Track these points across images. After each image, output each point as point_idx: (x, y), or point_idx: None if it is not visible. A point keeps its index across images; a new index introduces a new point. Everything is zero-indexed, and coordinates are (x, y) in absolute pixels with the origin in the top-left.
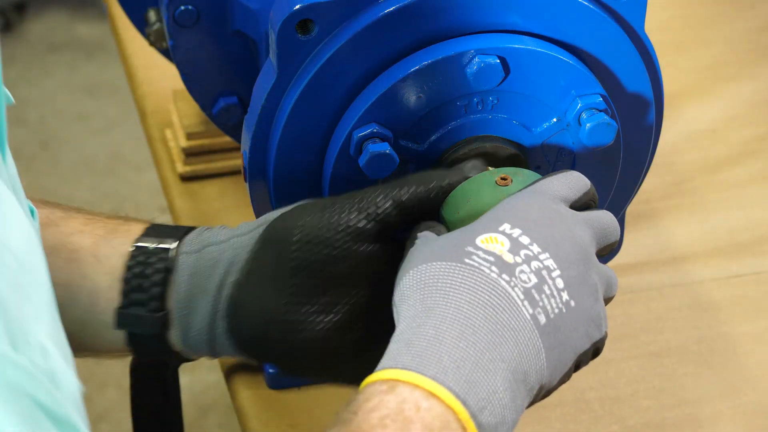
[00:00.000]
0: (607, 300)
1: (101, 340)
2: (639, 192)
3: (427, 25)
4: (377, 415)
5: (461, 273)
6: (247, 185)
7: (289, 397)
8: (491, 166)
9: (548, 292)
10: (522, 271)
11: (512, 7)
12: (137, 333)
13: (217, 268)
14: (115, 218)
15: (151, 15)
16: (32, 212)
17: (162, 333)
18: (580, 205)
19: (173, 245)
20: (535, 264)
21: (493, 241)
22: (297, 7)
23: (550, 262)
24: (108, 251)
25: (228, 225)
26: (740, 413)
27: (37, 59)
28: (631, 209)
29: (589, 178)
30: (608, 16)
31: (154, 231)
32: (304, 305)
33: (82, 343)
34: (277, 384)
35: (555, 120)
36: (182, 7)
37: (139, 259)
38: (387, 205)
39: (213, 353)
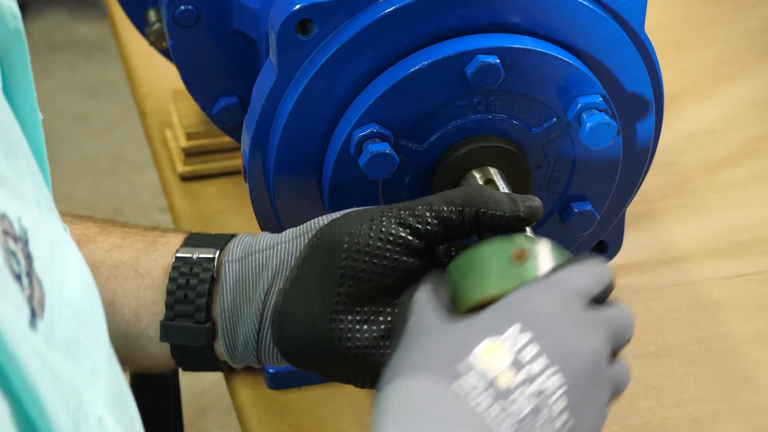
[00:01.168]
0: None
1: (145, 354)
2: (639, 192)
3: (426, 25)
4: None
5: (445, 404)
6: (247, 185)
7: (289, 397)
8: (491, 166)
9: (542, 421)
10: (514, 401)
11: (512, 7)
12: (183, 345)
13: (262, 276)
14: (152, 230)
15: (151, 15)
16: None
17: (209, 344)
18: (600, 298)
19: (216, 254)
20: (532, 388)
21: (493, 353)
22: (297, 7)
23: (553, 380)
24: (149, 265)
25: (228, 225)
26: (740, 413)
27: (37, 59)
28: (631, 209)
29: (589, 179)
30: (608, 16)
31: (194, 241)
32: (349, 314)
33: (125, 357)
34: (277, 384)
35: (555, 120)
36: (182, 7)
37: (182, 270)
38: (434, 223)
39: (259, 361)
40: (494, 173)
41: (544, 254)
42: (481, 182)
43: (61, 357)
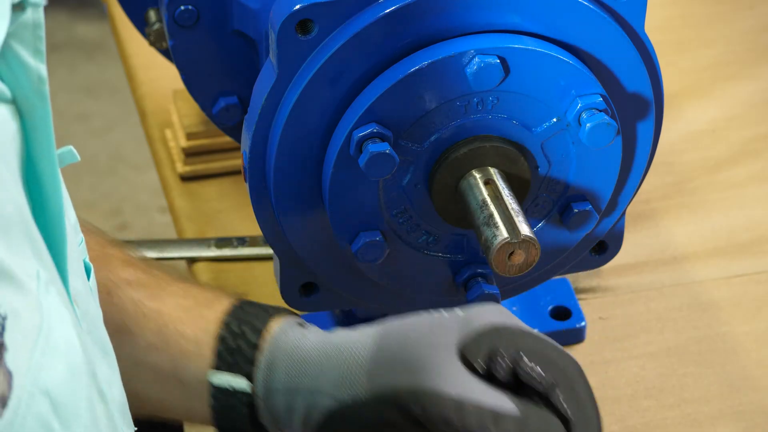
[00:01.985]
0: None
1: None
2: (639, 192)
3: (427, 25)
4: None
5: None
6: (247, 185)
7: None
8: (491, 166)
9: None
10: None
11: (512, 7)
12: None
13: (293, 416)
14: (183, 323)
15: (151, 15)
16: (87, 271)
17: None
18: None
19: (249, 386)
20: None
21: None
22: (297, 7)
23: None
24: (188, 376)
25: (228, 225)
26: (740, 413)
27: None
28: (631, 209)
29: (589, 178)
30: (608, 16)
31: (228, 352)
32: None
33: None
34: None
35: (555, 120)
36: (182, 7)
37: (222, 402)
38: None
39: None
40: (494, 173)
41: None
42: (481, 182)
43: None
